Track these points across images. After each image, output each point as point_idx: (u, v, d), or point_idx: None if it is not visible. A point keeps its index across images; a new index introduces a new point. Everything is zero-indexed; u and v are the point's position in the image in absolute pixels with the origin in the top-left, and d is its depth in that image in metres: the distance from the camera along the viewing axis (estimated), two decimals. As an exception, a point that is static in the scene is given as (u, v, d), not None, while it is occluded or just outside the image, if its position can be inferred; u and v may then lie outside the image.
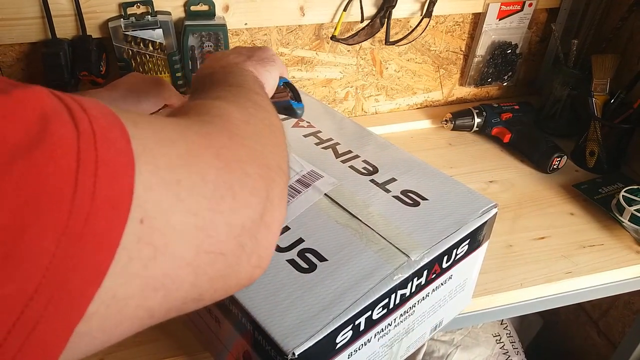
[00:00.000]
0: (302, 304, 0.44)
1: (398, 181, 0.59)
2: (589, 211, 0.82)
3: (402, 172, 0.60)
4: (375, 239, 0.51)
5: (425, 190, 0.58)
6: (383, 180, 0.59)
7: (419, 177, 0.60)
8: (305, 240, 0.51)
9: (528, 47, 1.05)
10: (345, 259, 0.49)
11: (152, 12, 0.78)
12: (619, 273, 0.74)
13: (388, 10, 0.88)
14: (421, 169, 0.61)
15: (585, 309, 1.22)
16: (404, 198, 0.56)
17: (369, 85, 1.01)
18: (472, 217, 0.54)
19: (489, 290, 0.68)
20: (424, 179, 0.60)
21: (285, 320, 0.43)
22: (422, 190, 0.58)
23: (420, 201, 0.56)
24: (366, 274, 0.47)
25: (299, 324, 0.43)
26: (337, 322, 0.43)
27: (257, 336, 0.44)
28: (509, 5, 0.96)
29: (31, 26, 0.76)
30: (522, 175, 0.91)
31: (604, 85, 0.89)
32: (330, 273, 0.47)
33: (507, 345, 1.18)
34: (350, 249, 0.50)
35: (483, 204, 0.56)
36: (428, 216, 0.54)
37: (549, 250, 0.75)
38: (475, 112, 0.97)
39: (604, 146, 0.88)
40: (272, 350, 0.43)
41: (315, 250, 0.50)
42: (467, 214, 0.54)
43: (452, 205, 0.56)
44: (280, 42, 0.91)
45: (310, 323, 0.43)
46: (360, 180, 0.59)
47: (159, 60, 0.81)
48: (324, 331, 0.42)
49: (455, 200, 0.56)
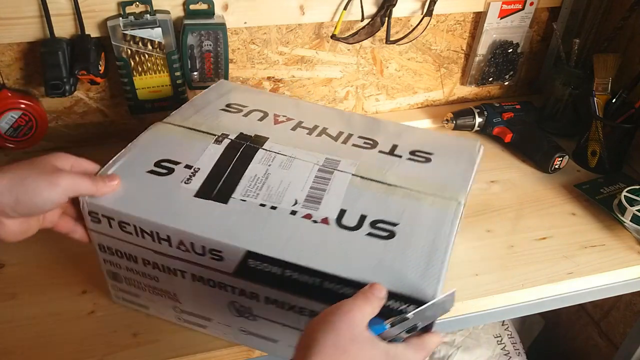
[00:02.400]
0: (407, 262, 0.50)
1: (400, 146, 0.65)
2: (590, 211, 0.82)
3: (397, 138, 0.67)
4: (421, 196, 0.57)
5: (425, 147, 0.65)
6: (388, 149, 0.64)
7: (412, 138, 0.68)
8: (368, 215, 0.54)
9: (529, 46, 1.05)
10: (411, 218, 0.54)
11: (151, 11, 0.78)
12: (620, 274, 0.73)
13: (388, 9, 0.88)
14: (409, 132, 0.70)
15: (586, 309, 1.21)
16: (416, 158, 0.63)
17: (369, 84, 1.01)
18: (474, 155, 0.65)
19: (490, 291, 0.68)
20: (417, 139, 0.68)
21: (408, 278, 0.48)
22: (424, 147, 0.65)
23: (430, 157, 0.64)
24: (439, 223, 0.54)
25: (421, 277, 0.48)
26: (445, 264, 0.50)
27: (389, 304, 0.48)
28: (510, 4, 0.96)
29: (30, 25, 0.76)
30: (523, 175, 0.90)
31: (605, 85, 0.89)
32: (410, 231, 0.53)
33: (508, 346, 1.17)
34: (409, 210, 0.55)
35: (473, 143, 0.67)
36: (444, 167, 0.62)
37: (550, 251, 0.74)
38: (476, 111, 0.97)
39: (605, 146, 0.88)
40: (408, 306, 0.47)
41: (382, 219, 0.54)
42: (469, 155, 0.65)
43: (453, 152, 0.65)
44: (280, 41, 0.90)
45: (428, 272, 0.49)
46: (371, 154, 0.63)
47: (157, 60, 0.81)
48: (443, 274, 0.49)
49: (452, 148, 0.66)
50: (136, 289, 0.60)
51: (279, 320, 0.55)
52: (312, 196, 0.56)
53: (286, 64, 0.93)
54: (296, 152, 0.61)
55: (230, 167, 0.58)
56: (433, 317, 0.47)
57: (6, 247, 0.72)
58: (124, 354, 0.59)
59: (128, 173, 0.56)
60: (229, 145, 0.61)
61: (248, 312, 0.56)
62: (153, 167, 0.58)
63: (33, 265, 0.69)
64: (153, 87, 0.84)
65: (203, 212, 0.53)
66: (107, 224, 0.54)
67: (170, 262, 0.55)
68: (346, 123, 0.70)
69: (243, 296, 0.54)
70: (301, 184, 0.57)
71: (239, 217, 0.53)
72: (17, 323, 0.62)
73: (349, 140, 0.65)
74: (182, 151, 0.60)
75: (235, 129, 0.64)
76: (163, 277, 0.57)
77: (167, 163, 0.58)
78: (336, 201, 0.55)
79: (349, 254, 0.50)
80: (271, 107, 0.71)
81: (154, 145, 0.61)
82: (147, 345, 0.61)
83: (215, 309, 0.58)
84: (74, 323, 0.62)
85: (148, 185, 0.56)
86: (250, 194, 0.55)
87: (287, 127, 0.67)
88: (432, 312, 0.46)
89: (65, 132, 0.90)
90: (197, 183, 0.56)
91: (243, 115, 0.68)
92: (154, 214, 0.52)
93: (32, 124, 0.82)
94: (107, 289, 0.63)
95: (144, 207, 0.53)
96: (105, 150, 0.91)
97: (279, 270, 0.50)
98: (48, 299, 0.65)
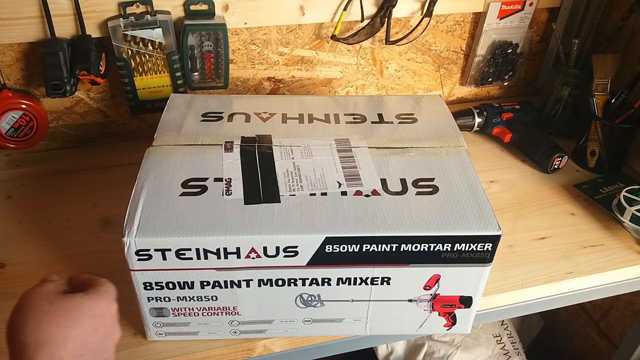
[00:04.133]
0: (461, 208, 0.55)
1: (385, 114, 0.71)
2: (589, 211, 0.82)
3: (376, 108, 0.73)
4: (434, 151, 0.64)
5: (403, 110, 0.72)
6: (377, 119, 0.70)
7: (390, 106, 0.73)
8: (406, 178, 0.59)
9: (529, 46, 1.05)
10: (440, 171, 0.60)
11: (152, 12, 0.78)
12: (619, 273, 0.73)
13: (388, 9, 0.88)
14: (378, 101, 0.75)
15: (586, 309, 1.21)
16: (404, 120, 0.70)
17: (369, 84, 1.01)
18: (442, 104, 0.74)
19: (490, 290, 0.68)
20: (395, 105, 0.74)
21: (471, 221, 0.54)
22: (402, 110, 0.72)
23: (413, 117, 0.71)
24: (463, 169, 0.61)
25: (479, 216, 0.55)
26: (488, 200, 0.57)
27: (457, 249, 0.54)
28: (509, 5, 0.96)
29: (30, 26, 0.76)
30: (522, 175, 0.90)
31: (604, 85, 0.89)
32: (447, 182, 0.59)
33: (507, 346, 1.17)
34: (433, 165, 0.61)
35: (435, 97, 0.76)
36: (430, 122, 0.69)
37: (549, 251, 0.75)
38: (475, 111, 0.97)
39: (604, 146, 0.88)
40: (477, 246, 0.54)
41: (420, 178, 0.59)
42: (439, 105, 0.73)
43: (426, 108, 0.73)
44: (280, 42, 0.90)
45: (482, 211, 0.55)
46: (367, 127, 0.68)
47: (158, 60, 0.81)
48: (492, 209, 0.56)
49: (423, 105, 0.74)
50: (186, 317, 0.59)
51: (347, 298, 0.58)
52: (349, 175, 0.59)
53: (286, 64, 0.93)
54: (306, 141, 0.64)
55: (259, 169, 0.59)
56: None
57: (6, 247, 0.72)
58: (123, 354, 0.59)
59: (161, 202, 0.55)
60: (242, 151, 0.62)
61: (316, 299, 0.58)
62: (183, 189, 0.56)
63: (33, 265, 0.70)
64: (154, 88, 0.84)
65: (263, 215, 0.53)
66: (159, 257, 0.52)
67: (235, 275, 0.55)
68: (323, 106, 0.73)
69: (314, 284, 0.56)
70: (332, 167, 0.60)
71: (299, 210, 0.54)
72: (18, 323, 0.62)
73: (340, 120, 0.69)
74: (201, 167, 0.60)
75: (233, 134, 0.65)
76: (223, 293, 0.56)
77: (195, 182, 0.57)
78: (372, 173, 0.60)
79: (413, 215, 0.55)
80: (244, 108, 0.71)
81: (166, 169, 0.59)
82: (147, 345, 0.61)
83: (280, 308, 0.58)
84: (75, 323, 0.62)
85: (190, 207, 0.54)
86: (295, 188, 0.57)
87: (276, 121, 0.68)
88: None
89: (66, 132, 0.90)
90: (239, 192, 0.56)
91: (228, 121, 0.68)
92: (217, 231, 0.52)
93: (33, 124, 0.82)
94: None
95: (204, 228, 0.52)
96: (105, 150, 0.92)
97: (356, 247, 0.53)
98: (49, 298, 0.65)
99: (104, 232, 0.75)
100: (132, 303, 0.57)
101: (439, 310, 0.60)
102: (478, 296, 0.60)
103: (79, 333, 0.43)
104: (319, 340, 0.65)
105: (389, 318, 0.61)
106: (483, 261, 0.56)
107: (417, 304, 0.59)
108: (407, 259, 0.55)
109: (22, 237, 0.74)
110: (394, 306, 0.59)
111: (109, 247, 0.71)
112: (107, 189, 0.81)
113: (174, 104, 0.72)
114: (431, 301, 0.59)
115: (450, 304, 0.60)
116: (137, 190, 0.56)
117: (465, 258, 0.55)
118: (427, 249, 0.54)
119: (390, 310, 0.60)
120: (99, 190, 0.82)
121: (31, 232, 0.75)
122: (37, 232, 0.75)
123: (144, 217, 0.53)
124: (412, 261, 0.55)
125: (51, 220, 0.77)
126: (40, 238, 0.74)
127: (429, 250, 0.54)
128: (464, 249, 0.54)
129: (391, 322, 0.61)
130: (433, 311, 0.60)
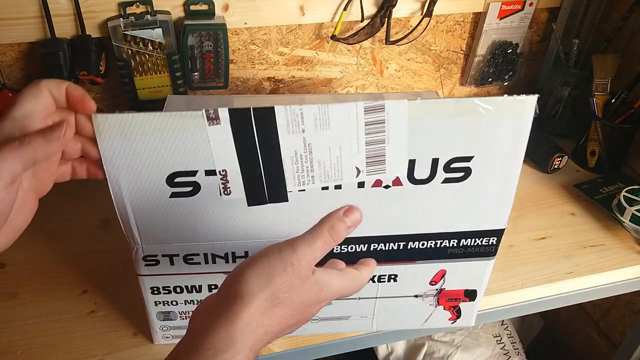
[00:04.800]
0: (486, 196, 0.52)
1: None
2: (589, 211, 0.82)
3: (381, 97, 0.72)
4: (490, 112, 0.47)
5: None
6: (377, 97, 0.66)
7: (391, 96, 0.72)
8: (440, 156, 0.49)
9: (529, 46, 1.05)
10: (487, 144, 0.49)
11: (152, 12, 0.78)
12: (619, 273, 0.73)
13: (388, 9, 0.88)
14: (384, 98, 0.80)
15: (586, 309, 1.21)
16: None
17: (369, 84, 1.01)
18: None
19: (490, 290, 0.68)
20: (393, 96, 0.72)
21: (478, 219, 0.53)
22: None
23: None
24: (518, 138, 0.51)
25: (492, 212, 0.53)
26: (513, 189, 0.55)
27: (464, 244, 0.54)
28: (509, 5, 0.96)
29: (30, 26, 0.76)
30: (522, 175, 0.88)
31: (604, 85, 0.89)
32: (485, 163, 0.50)
33: (507, 346, 1.17)
34: (480, 135, 0.48)
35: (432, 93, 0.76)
36: None
37: (549, 251, 0.75)
38: (475, 111, 0.97)
39: (604, 146, 0.88)
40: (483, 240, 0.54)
41: (456, 157, 0.49)
42: None
43: None
44: (280, 42, 0.90)
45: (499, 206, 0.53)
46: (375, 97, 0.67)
47: (158, 60, 0.81)
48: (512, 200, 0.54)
49: None
50: None
51: (354, 296, 0.57)
52: (372, 155, 0.48)
53: (286, 64, 0.93)
54: (324, 100, 0.61)
55: (259, 150, 0.46)
56: None
57: (7, 247, 0.72)
58: (124, 354, 0.59)
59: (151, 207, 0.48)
60: (232, 120, 0.45)
61: None
62: (170, 188, 0.47)
63: (33, 265, 0.70)
64: (154, 88, 0.84)
65: (270, 218, 0.50)
66: (167, 263, 0.52)
67: None
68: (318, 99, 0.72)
69: None
70: (354, 142, 0.47)
71: (309, 208, 0.49)
72: (17, 323, 0.62)
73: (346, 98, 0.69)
74: (182, 153, 0.45)
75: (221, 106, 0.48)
76: None
77: (182, 177, 0.46)
78: (401, 151, 0.48)
79: (428, 211, 0.52)
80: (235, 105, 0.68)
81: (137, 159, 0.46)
82: (147, 345, 0.61)
83: None
84: (75, 323, 0.63)
85: (188, 210, 0.48)
86: (304, 180, 0.48)
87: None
88: None
89: (66, 132, 0.90)
90: (239, 191, 0.48)
91: None
92: (225, 236, 0.50)
93: (33, 124, 0.82)
94: (107, 289, 0.63)
95: (211, 233, 0.50)
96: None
97: (364, 247, 0.53)
98: (48, 298, 0.65)
99: (104, 232, 0.75)
100: (133, 302, 0.57)
101: (444, 305, 0.60)
102: (482, 289, 0.60)
103: None
104: (319, 340, 0.65)
105: (395, 314, 0.61)
106: (488, 254, 0.56)
107: (422, 299, 0.59)
108: (414, 255, 0.55)
109: (22, 237, 0.74)
110: (400, 302, 0.59)
111: (109, 247, 0.71)
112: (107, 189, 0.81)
113: (173, 103, 0.71)
114: (437, 296, 0.59)
115: (455, 297, 0.60)
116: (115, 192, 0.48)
117: (471, 252, 0.55)
118: (434, 246, 0.54)
119: (396, 306, 0.60)
120: (99, 190, 0.82)
121: (31, 232, 0.75)
122: (37, 232, 0.75)
123: (141, 223, 0.49)
124: (418, 258, 0.55)
125: (51, 220, 0.77)
126: (40, 238, 0.74)
127: (436, 246, 0.54)
128: (470, 243, 0.54)
129: (397, 318, 0.61)
130: (438, 305, 0.60)
